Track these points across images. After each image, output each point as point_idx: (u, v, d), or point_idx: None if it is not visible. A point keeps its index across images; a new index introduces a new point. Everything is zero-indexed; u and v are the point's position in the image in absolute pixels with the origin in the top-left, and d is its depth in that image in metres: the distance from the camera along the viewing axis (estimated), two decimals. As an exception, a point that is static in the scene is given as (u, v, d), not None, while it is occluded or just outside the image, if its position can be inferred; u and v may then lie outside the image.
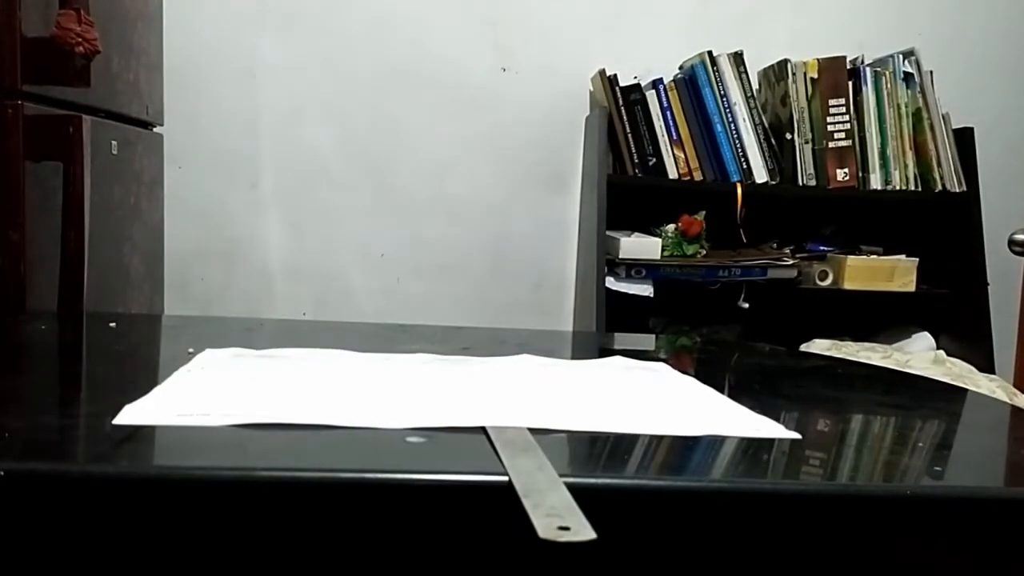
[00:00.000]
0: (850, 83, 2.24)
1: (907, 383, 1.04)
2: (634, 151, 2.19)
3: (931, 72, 2.27)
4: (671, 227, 2.22)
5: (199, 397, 0.70)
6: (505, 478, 0.52)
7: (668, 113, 2.20)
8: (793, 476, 0.61)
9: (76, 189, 1.39)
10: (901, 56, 2.27)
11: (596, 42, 2.38)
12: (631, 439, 0.64)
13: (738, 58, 2.22)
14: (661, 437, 0.65)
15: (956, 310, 2.29)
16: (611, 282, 2.17)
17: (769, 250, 2.27)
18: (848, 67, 2.24)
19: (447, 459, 0.59)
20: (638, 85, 2.21)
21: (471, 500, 0.51)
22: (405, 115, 2.37)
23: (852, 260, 2.25)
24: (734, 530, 0.52)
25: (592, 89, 2.37)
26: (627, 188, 2.21)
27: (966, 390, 1.08)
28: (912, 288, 2.27)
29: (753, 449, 0.64)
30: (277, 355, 0.89)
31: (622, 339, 1.63)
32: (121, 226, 1.71)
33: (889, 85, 2.24)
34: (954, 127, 2.27)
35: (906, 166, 2.24)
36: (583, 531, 0.46)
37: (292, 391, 0.75)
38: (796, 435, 0.66)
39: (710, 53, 2.21)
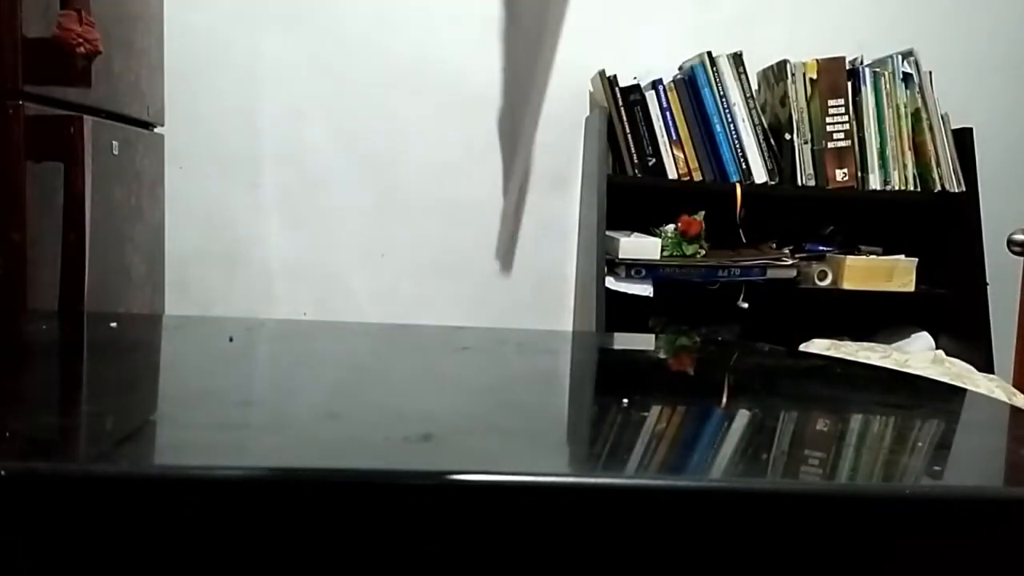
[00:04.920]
0: (849, 84, 2.24)
1: (906, 383, 1.04)
2: (634, 151, 2.20)
3: (930, 73, 2.27)
4: (671, 227, 2.22)
5: None
6: (505, 478, 0.53)
7: (668, 113, 2.20)
8: (792, 476, 0.61)
9: (77, 189, 1.39)
10: (900, 57, 2.27)
11: (596, 42, 2.38)
12: (630, 439, 0.64)
13: (737, 59, 2.22)
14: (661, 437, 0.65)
15: (955, 310, 2.29)
16: (611, 282, 2.17)
17: (768, 250, 2.27)
18: (847, 68, 2.24)
19: (447, 459, 0.59)
20: (638, 86, 2.21)
21: (471, 500, 0.51)
22: (405, 115, 2.37)
23: (851, 260, 2.25)
24: (733, 530, 0.52)
25: (592, 89, 2.37)
26: (627, 188, 2.21)
27: (965, 390, 1.08)
28: (911, 288, 2.27)
29: (752, 449, 0.64)
30: None
31: (622, 339, 1.63)
32: (122, 226, 1.71)
33: (888, 86, 2.24)
34: (953, 127, 2.27)
35: (905, 166, 2.24)
36: None
37: None
38: None
39: (709, 54, 2.21)
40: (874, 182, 2.23)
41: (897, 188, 2.24)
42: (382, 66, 2.35)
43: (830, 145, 2.22)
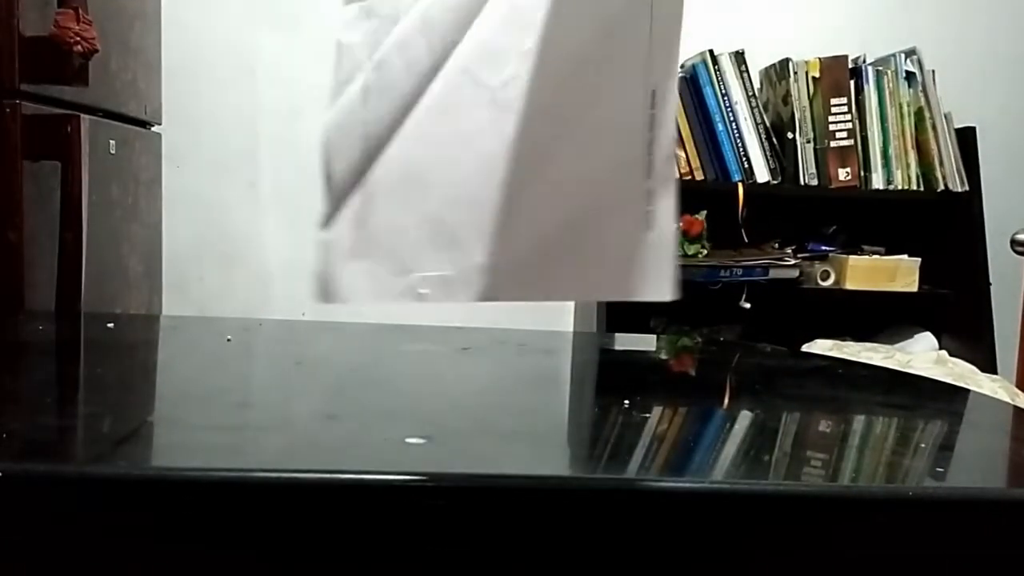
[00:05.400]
0: (852, 82, 2.23)
1: (909, 384, 1.03)
2: (635, 150, 2.19)
3: (933, 71, 2.27)
4: (672, 227, 2.21)
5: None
6: (506, 480, 0.52)
7: (669, 112, 2.19)
8: (795, 477, 0.61)
9: (74, 189, 1.38)
10: (903, 55, 2.26)
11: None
12: (632, 440, 0.64)
13: (739, 57, 2.22)
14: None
15: (958, 310, 2.29)
16: (612, 282, 2.17)
17: (771, 250, 2.26)
18: (850, 66, 2.24)
19: (447, 461, 0.59)
20: (639, 84, 2.21)
21: (472, 502, 0.51)
22: (405, 114, 2.36)
23: (854, 260, 2.24)
24: (736, 532, 0.52)
25: (593, 88, 2.37)
26: (628, 188, 2.20)
27: (968, 390, 1.07)
28: (914, 288, 2.27)
29: (755, 450, 0.63)
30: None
31: (623, 339, 1.63)
32: (119, 226, 1.71)
33: (891, 84, 2.24)
34: (956, 127, 2.27)
35: (908, 166, 2.24)
36: None
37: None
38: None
39: (711, 52, 2.20)
40: (877, 181, 2.23)
41: (900, 187, 2.23)
42: (382, 65, 2.34)
43: (833, 144, 2.21)
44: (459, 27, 0.55)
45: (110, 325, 1.12)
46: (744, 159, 2.20)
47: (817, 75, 2.21)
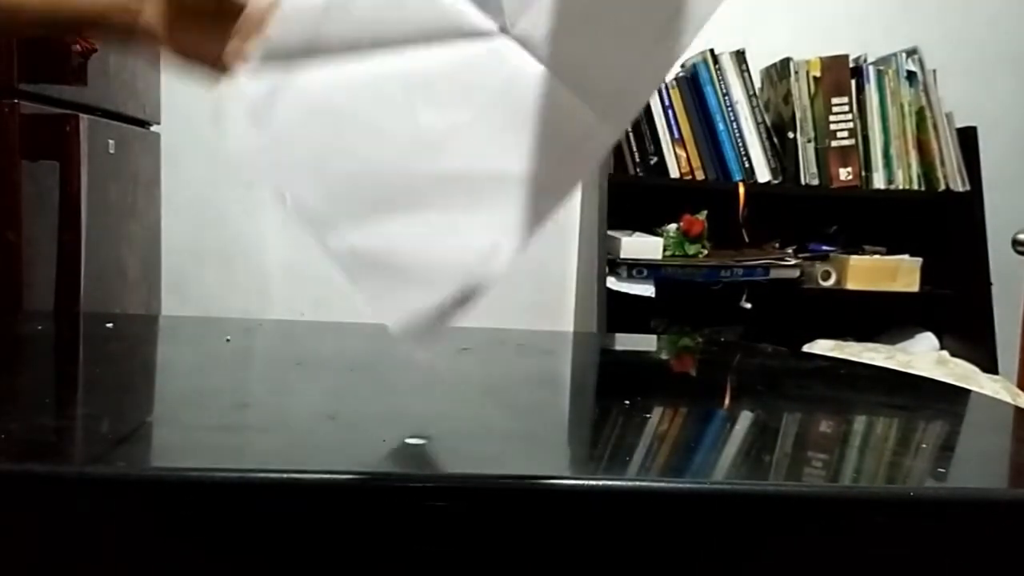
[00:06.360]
0: (853, 82, 2.23)
1: (910, 384, 1.03)
2: (635, 150, 2.19)
3: (934, 71, 2.26)
4: (673, 227, 2.21)
5: None
6: (506, 481, 0.52)
7: (670, 111, 2.19)
8: (795, 478, 0.61)
9: (73, 189, 1.38)
10: (904, 55, 2.26)
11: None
12: (632, 441, 0.63)
13: (740, 56, 2.21)
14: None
15: (959, 310, 2.28)
16: (612, 282, 2.16)
17: (771, 250, 2.26)
18: (851, 66, 2.23)
19: (447, 461, 0.59)
20: (639, 84, 2.20)
21: (471, 502, 0.51)
22: (405, 114, 2.36)
23: (855, 260, 2.24)
24: (736, 532, 0.52)
25: (593, 88, 2.37)
26: (628, 187, 2.20)
27: (969, 391, 1.07)
28: (915, 288, 2.26)
29: (755, 451, 0.63)
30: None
31: (623, 340, 1.63)
32: (118, 226, 1.71)
33: (892, 84, 2.23)
34: (957, 126, 2.26)
35: (909, 165, 2.24)
36: None
37: None
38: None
39: (712, 51, 2.20)
40: (878, 181, 2.22)
41: (901, 187, 2.23)
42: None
43: (834, 144, 2.21)
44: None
45: (109, 325, 1.12)
46: (745, 159, 2.20)
47: (818, 74, 2.21)
